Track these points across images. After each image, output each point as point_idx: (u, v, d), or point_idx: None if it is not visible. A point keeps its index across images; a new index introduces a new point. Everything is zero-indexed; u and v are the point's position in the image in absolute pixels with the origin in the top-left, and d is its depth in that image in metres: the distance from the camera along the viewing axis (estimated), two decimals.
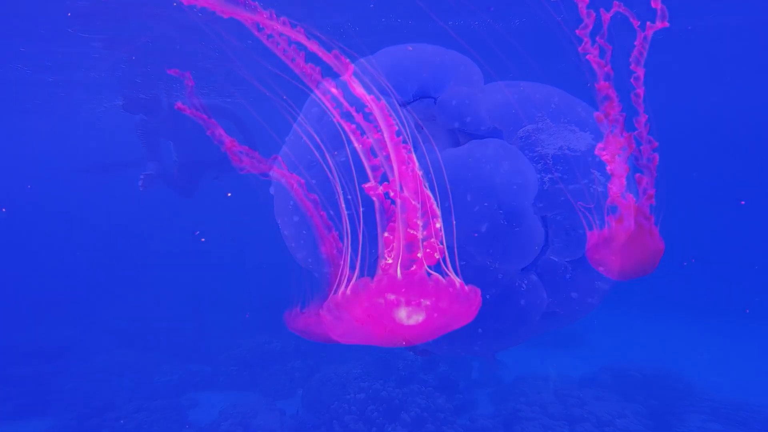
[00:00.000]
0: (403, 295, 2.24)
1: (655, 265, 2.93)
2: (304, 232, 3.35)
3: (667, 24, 2.49)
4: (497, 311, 3.30)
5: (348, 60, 2.37)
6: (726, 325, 12.65)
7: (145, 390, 9.84)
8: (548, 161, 3.29)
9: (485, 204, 3.19)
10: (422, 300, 2.26)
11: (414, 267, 2.30)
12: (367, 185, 2.37)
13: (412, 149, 2.40)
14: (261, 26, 2.41)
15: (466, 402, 9.34)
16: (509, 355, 10.03)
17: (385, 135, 2.36)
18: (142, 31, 7.68)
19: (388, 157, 2.39)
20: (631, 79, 2.45)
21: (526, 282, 3.34)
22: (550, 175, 3.31)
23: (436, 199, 2.37)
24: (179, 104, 2.96)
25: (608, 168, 2.75)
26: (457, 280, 2.35)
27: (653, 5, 2.40)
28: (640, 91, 2.46)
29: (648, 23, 2.42)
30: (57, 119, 16.31)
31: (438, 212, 2.38)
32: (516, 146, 3.35)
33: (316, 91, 2.49)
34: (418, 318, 2.27)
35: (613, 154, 2.66)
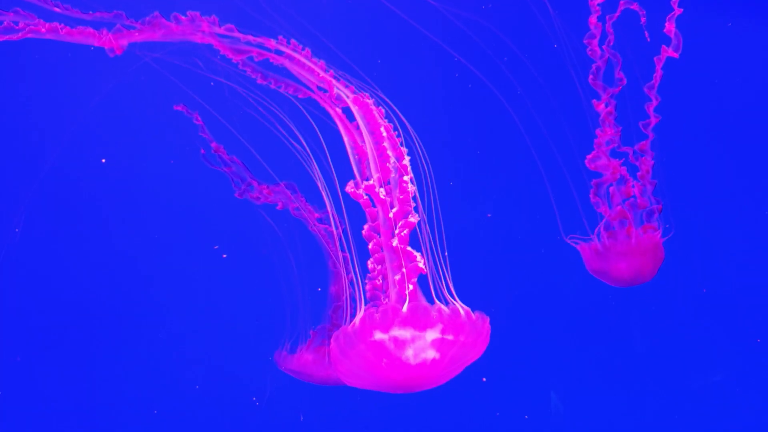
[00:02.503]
0: (409, 329, 2.17)
1: (654, 273, 2.93)
2: None
3: (677, 55, 2.46)
4: None
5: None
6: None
7: None
8: None
9: None
10: (430, 333, 2.18)
11: (413, 296, 2.22)
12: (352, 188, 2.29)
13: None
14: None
15: None
16: None
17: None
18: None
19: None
20: (646, 107, 2.42)
21: None
22: None
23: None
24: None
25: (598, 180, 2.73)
26: (463, 308, 2.27)
27: (666, 32, 2.36)
28: (653, 119, 2.44)
29: (663, 47, 2.38)
30: None
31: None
32: None
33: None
34: (428, 354, 2.20)
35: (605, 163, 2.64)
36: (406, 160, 2.31)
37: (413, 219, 2.25)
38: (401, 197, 2.26)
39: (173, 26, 2.36)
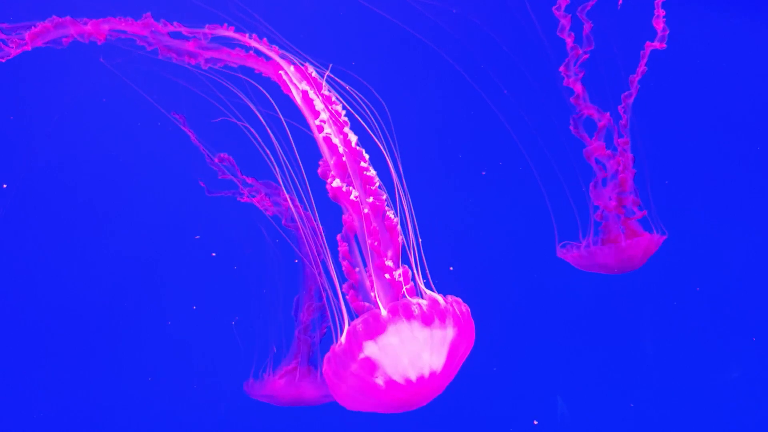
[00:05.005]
0: (397, 334, 1.99)
1: (643, 261, 2.96)
2: None
3: (664, 46, 2.46)
4: None
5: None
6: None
7: None
8: None
9: None
10: (419, 332, 1.99)
11: (392, 294, 2.05)
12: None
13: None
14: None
15: None
16: None
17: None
18: None
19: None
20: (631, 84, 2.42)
21: None
22: None
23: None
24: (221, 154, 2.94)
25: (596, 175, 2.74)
26: (439, 296, 2.09)
27: (654, 25, 2.36)
28: (633, 87, 2.43)
29: (648, 42, 2.38)
30: None
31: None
32: None
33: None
34: (424, 360, 2.02)
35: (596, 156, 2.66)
36: (351, 134, 2.24)
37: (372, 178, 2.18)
38: (366, 185, 2.18)
39: (160, 26, 2.37)
